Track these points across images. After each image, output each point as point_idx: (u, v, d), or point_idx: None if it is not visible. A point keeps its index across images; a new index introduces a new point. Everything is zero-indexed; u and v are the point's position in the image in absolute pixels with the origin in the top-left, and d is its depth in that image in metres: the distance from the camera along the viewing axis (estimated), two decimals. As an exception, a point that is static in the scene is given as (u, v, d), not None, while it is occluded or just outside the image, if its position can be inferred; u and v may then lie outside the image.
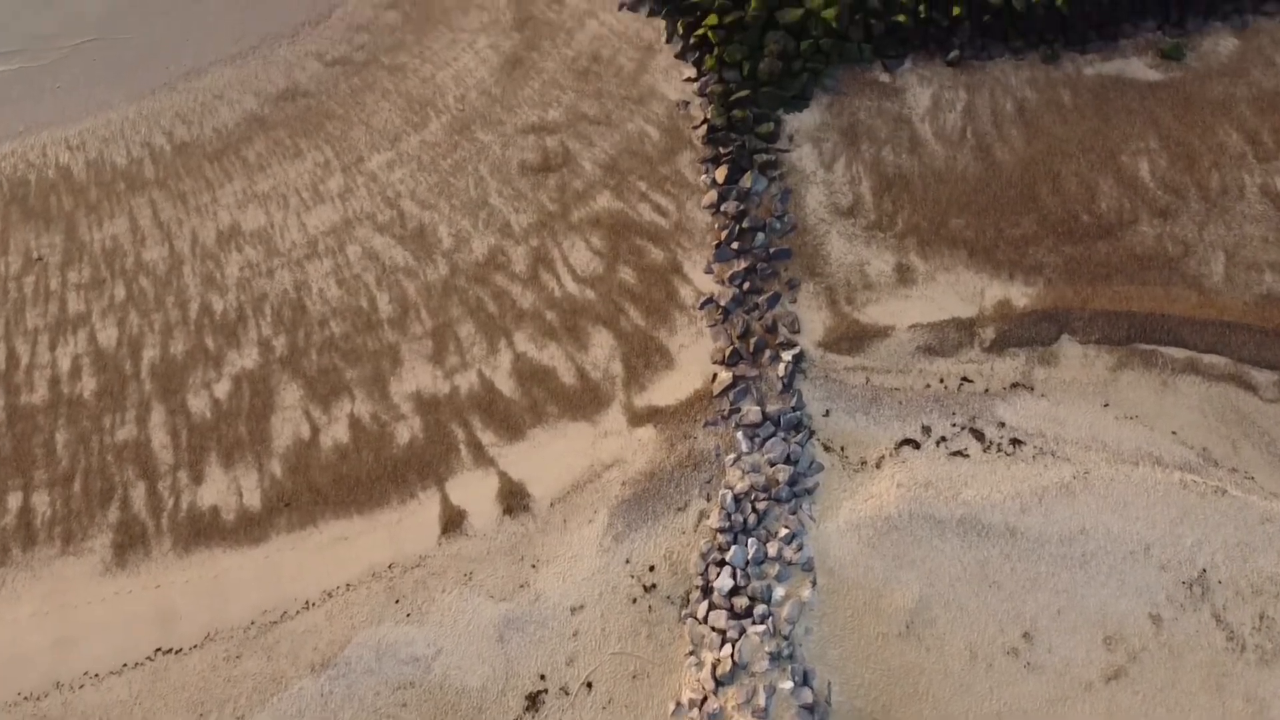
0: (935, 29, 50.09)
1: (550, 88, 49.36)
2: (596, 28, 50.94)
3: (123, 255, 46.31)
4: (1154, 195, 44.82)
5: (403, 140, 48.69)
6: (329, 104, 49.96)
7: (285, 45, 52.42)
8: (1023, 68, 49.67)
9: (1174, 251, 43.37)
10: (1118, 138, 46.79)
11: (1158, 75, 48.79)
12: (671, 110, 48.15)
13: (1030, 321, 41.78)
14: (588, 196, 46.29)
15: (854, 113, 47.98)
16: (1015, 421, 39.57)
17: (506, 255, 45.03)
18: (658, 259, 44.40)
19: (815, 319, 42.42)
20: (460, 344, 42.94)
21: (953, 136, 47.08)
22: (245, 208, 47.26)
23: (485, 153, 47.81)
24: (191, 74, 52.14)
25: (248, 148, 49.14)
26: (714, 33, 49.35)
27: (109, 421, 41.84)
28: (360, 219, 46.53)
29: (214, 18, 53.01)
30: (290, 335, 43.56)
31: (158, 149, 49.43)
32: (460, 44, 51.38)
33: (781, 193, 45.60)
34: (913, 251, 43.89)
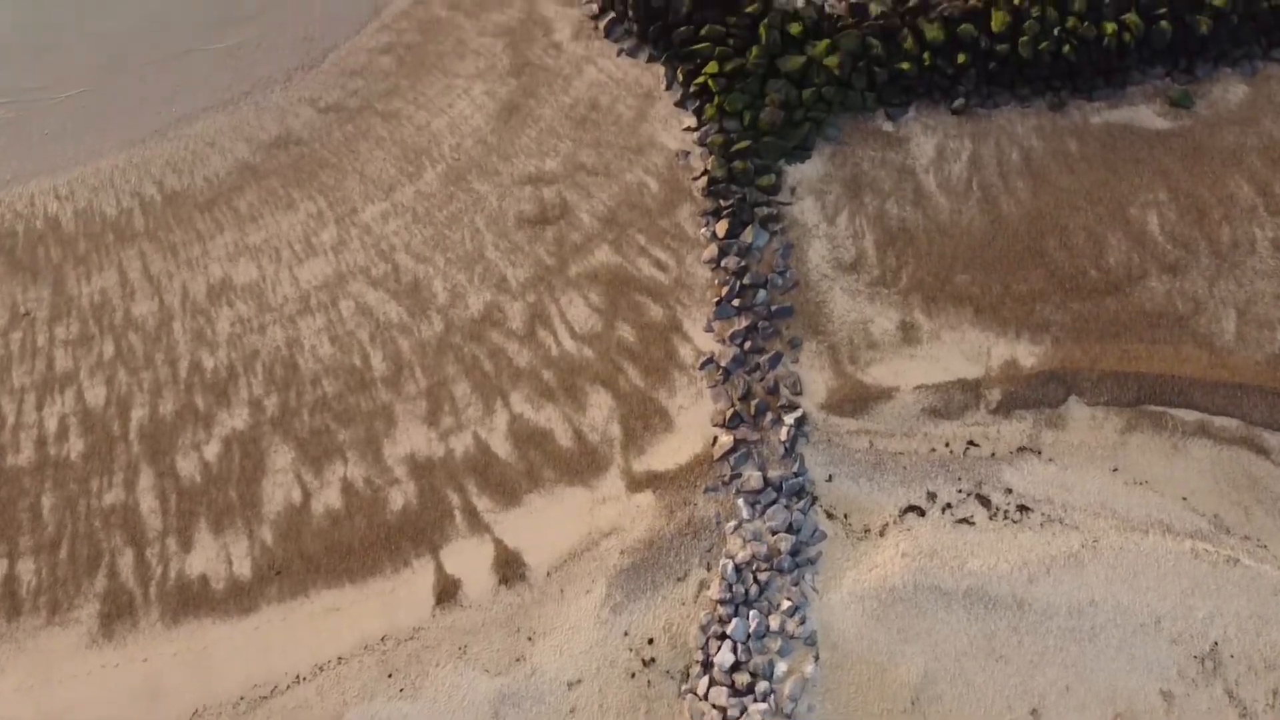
0: (940, 77, 50.21)
1: (547, 136, 49.44)
2: (595, 74, 51.04)
3: (111, 310, 46.33)
4: (1163, 249, 44.83)
5: (397, 190, 48.75)
6: (322, 152, 50.04)
7: (278, 90, 52.51)
8: (1029, 116, 49.75)
9: (1184, 309, 43.37)
10: (1126, 189, 46.84)
11: (1166, 124, 48.90)
12: (671, 160, 48.23)
13: (1037, 383, 41.69)
14: (586, 250, 46.31)
15: (857, 163, 48.04)
16: (1022, 487, 39.51)
17: (503, 311, 45.03)
18: (657, 316, 44.40)
19: (818, 380, 42.37)
20: (455, 404, 42.89)
21: (958, 188, 47.10)
22: (237, 260, 47.29)
23: (481, 204, 47.86)
24: (183, 120, 52.23)
25: (239, 198, 49.21)
26: (714, 81, 49.47)
27: (96, 485, 41.81)
28: (354, 273, 46.55)
29: (206, 63, 53.14)
30: (282, 394, 43.51)
31: (148, 199, 49.51)
32: (456, 90, 51.50)
33: (783, 247, 45.63)
34: (917, 309, 43.87)
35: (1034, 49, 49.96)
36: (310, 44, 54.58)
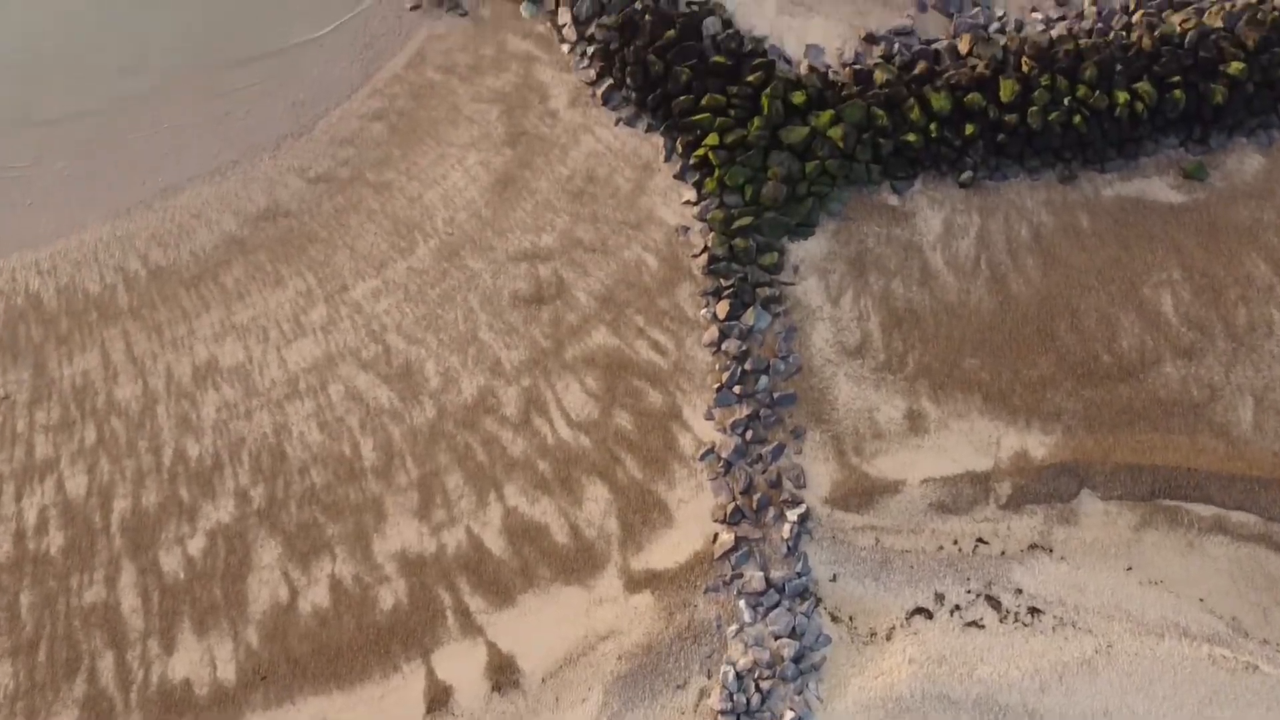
0: (947, 148, 50.14)
1: (543, 210, 49.45)
2: (592, 144, 51.10)
3: (94, 393, 46.25)
4: (1178, 332, 44.77)
5: (389, 267, 48.73)
6: (311, 225, 50.05)
7: (267, 159, 52.56)
8: (1038, 189, 49.78)
9: (1200, 396, 43.26)
10: (1139, 267, 46.84)
11: (1180, 197, 48.93)
12: (670, 236, 48.20)
13: (1049, 475, 41.57)
14: (582, 332, 46.26)
15: (862, 240, 48.01)
16: (1034, 588, 39.34)
17: (497, 397, 44.92)
18: (656, 403, 44.27)
19: (822, 472, 42.24)
20: (448, 496, 42.76)
21: (965, 266, 47.05)
22: (223, 341, 47.24)
23: (475, 282, 47.84)
24: (169, 191, 52.36)
25: (226, 273, 49.20)
26: (714, 153, 49.51)
27: (76, 581, 41.70)
28: (343, 355, 46.49)
29: (193, 131, 53.28)
30: (269, 485, 43.39)
31: (132, 274, 49.51)
32: (449, 160, 51.55)
33: (786, 330, 45.54)
34: (924, 396, 43.75)
35: (1044, 119, 49.97)
36: (300, 110, 54.63)
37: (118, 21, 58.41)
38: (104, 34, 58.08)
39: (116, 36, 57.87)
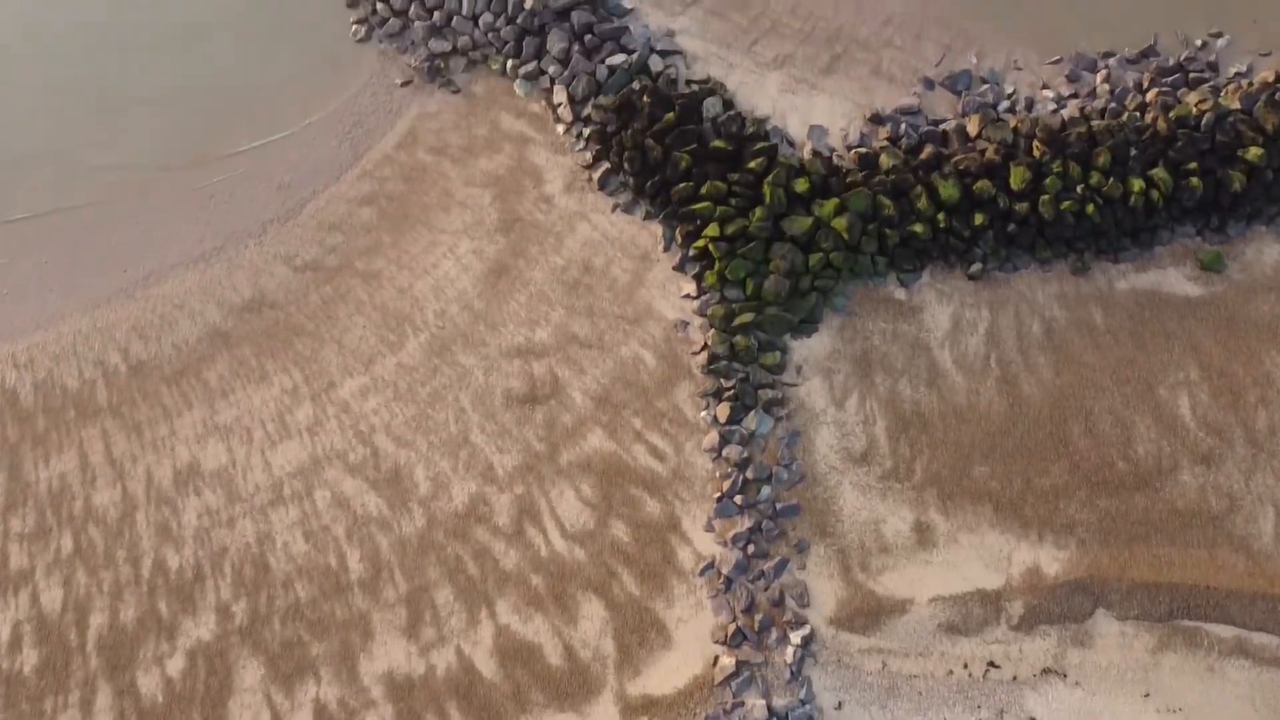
0: (955, 239, 50.03)
1: (538, 302, 49.31)
2: (588, 232, 51.04)
3: (71, 499, 46.04)
4: (1195, 437, 44.55)
5: (377, 363, 48.57)
6: (298, 317, 49.92)
7: (252, 246, 52.52)
8: (1050, 281, 49.66)
9: (1218, 506, 43.01)
10: (1155, 367, 46.62)
11: (1197, 290, 48.80)
12: (669, 332, 48.07)
13: (1062, 594, 41.28)
14: (578, 435, 46.03)
15: (867, 337, 47.85)
16: (1047, 716, 38.95)
17: (489, 505, 44.68)
18: (654, 513, 44.03)
19: (826, 589, 41.97)
20: (437, 613, 42.49)
21: (975, 366, 46.85)
22: (205, 442, 47.04)
23: (467, 379, 47.67)
24: (151, 279, 52.30)
25: (209, 369, 49.05)
26: (715, 245, 49.44)
27: (50, 704, 41.33)
28: (330, 458, 46.28)
29: (176, 216, 53.12)
30: (251, 600, 43.13)
31: (112, 369, 49.37)
32: (441, 248, 51.48)
33: (789, 435, 45.29)
34: (933, 507, 43.51)
35: (1056, 208, 49.89)
36: (286, 193, 54.66)
37: (101, 116, 58.19)
38: (86, 129, 57.90)
39: (99, 130, 57.65)
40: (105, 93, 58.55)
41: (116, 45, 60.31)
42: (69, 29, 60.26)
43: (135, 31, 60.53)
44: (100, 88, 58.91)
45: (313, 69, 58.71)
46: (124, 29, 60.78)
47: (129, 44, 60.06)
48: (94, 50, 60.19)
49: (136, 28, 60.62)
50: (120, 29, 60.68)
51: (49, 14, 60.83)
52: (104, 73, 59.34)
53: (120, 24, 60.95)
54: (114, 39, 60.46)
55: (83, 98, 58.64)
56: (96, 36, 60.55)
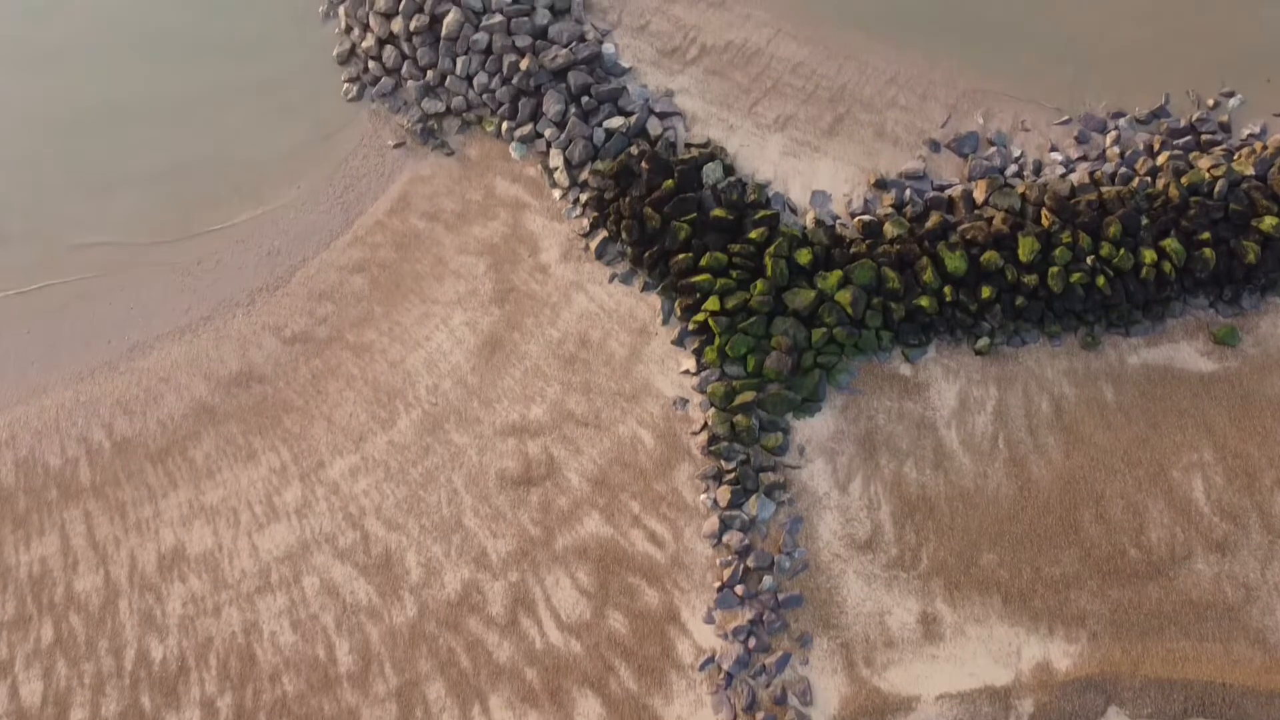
0: (962, 313, 49.78)
1: (533, 378, 49.08)
2: (585, 303, 50.82)
3: (52, 585, 45.77)
4: (1210, 523, 44.26)
5: (368, 441, 48.32)
6: (287, 392, 49.69)
7: (240, 315, 52.31)
8: (1059, 356, 49.40)
9: (1234, 597, 42.70)
10: (1167, 447, 46.37)
11: (1210, 365, 48.55)
12: (668, 410, 47.81)
13: (1074, 691, 40.99)
14: (574, 519, 45.75)
15: (871, 416, 47.58)
16: (1058, 823, 38.53)
17: (482, 593, 44.38)
18: (652, 603, 43.73)
19: (830, 685, 41.62)
20: (429, 708, 42.21)
21: (982, 446, 46.60)
22: (191, 524, 46.77)
23: (460, 459, 47.40)
24: (136, 350, 52.11)
25: (195, 446, 48.78)
26: (715, 319, 49.19)
27: (29, 807, 40.89)
28: (319, 542, 45.97)
29: (163, 282, 53.07)
30: (237, 694, 42.82)
31: (95, 446, 49.11)
32: (434, 319, 51.28)
33: (791, 521, 45.04)
34: (939, 597, 43.19)
35: (1065, 281, 49.76)
36: (276, 259, 54.53)
37: (86, 195, 58.09)
38: (70, 207, 57.82)
39: (84, 209, 57.56)
40: (90, 171, 58.29)
41: (101, 122, 59.92)
42: (53, 106, 59.93)
43: (120, 107, 60.11)
44: (85, 166, 58.65)
45: (303, 131, 58.64)
46: (109, 106, 60.31)
47: (114, 121, 59.68)
48: (78, 128, 59.82)
49: (121, 104, 60.13)
50: (105, 106, 60.23)
51: (32, 91, 60.56)
52: (88, 151, 59.03)
53: (105, 101, 60.46)
54: (98, 116, 60.02)
55: (67, 176, 58.44)
56: (81, 113, 60.15)
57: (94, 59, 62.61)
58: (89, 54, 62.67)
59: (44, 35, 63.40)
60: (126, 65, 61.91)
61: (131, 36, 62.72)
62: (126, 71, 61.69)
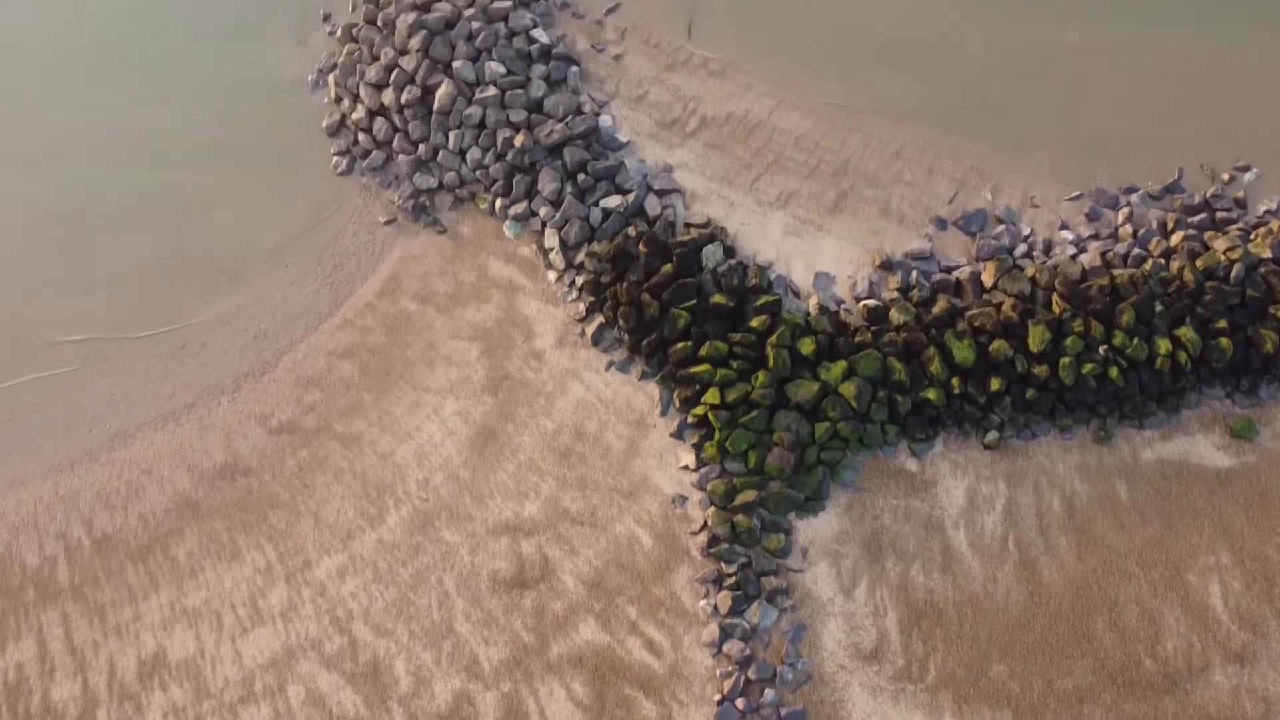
0: (971, 406, 49.31)
1: (527, 472, 48.64)
2: (581, 392, 50.42)
3: (28, 693, 45.39)
4: (1228, 631, 43.84)
5: (356, 539, 47.90)
6: (273, 486, 49.27)
7: (225, 403, 51.92)
8: (1071, 450, 49.04)
9: (1253, 712, 42.41)
10: (1183, 550, 46.03)
11: (1227, 460, 48.16)
12: (667, 508, 47.43)
13: (1087, 814, 40.27)
14: (569, 625, 45.32)
15: (877, 516, 47.17)
16: None
17: (473, 705, 43.96)
18: (650, 717, 43.38)
19: (834, 808, 41.01)
20: (418, 830, 41.53)
21: (992, 548, 46.21)
22: (172, 628, 46.33)
23: (451, 559, 47.01)
24: (118, 440, 51.69)
25: (178, 544, 48.41)
26: (714, 413, 48.67)
27: None
28: (305, 648, 45.56)
29: (146, 368, 52.69)
30: (219, 812, 42.15)
31: (75, 543, 48.71)
32: (424, 409, 50.85)
33: (794, 629, 44.61)
34: (948, 711, 42.78)
35: (1077, 372, 49.41)
36: (262, 343, 54.23)
37: (67, 294, 57.76)
38: (52, 307, 57.46)
39: (66, 309, 57.19)
40: (72, 270, 57.79)
41: (83, 198, 59.55)
42: (34, 206, 59.55)
43: (102, 186, 59.81)
44: (66, 252, 58.22)
45: (291, 207, 58.32)
46: (91, 179, 60.00)
47: (95, 201, 59.38)
48: (60, 228, 59.38)
49: (103, 182, 59.87)
50: (87, 180, 59.92)
51: (12, 192, 60.22)
52: (70, 250, 58.53)
53: (88, 176, 60.17)
54: (80, 216, 59.65)
55: (49, 276, 57.91)
56: (62, 214, 59.81)
57: (77, 128, 62.33)
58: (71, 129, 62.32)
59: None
60: (110, 145, 61.54)
61: (114, 119, 62.25)
62: (109, 150, 61.31)
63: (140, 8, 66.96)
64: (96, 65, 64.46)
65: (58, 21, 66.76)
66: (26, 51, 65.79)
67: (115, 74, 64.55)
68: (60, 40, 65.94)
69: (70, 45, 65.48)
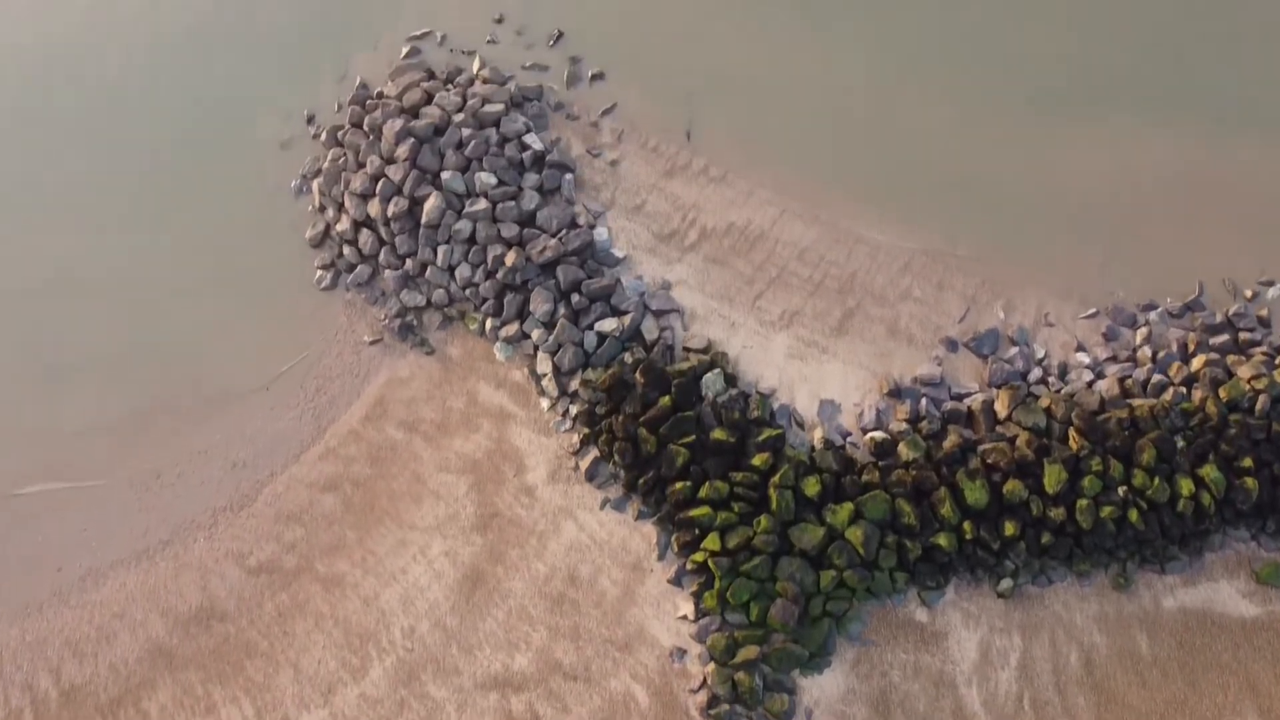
0: (983, 551, 48.36)
1: (518, 620, 47.77)
2: (574, 533, 49.52)
3: None
4: (1256, 804, 42.61)
5: (338, 693, 47.02)
6: (250, 633, 48.34)
7: (202, 540, 51.07)
8: (1089, 598, 48.28)
9: None
10: (1207, 710, 45.49)
11: (1253, 609, 47.43)
12: (664, 662, 46.59)
13: None
14: (561, 795, 44.23)
15: (885, 672, 46.35)
16: None
17: None
18: None
19: None
20: None
21: (1006, 708, 45.49)
22: (142, 795, 45.21)
23: (437, 717, 45.74)
24: (89, 579, 50.90)
25: (149, 697, 47.61)
26: (715, 561, 47.72)
27: None
28: (283, 815, 44.36)
29: (119, 498, 51.96)
30: None
31: (42, 695, 47.87)
32: (411, 548, 49.99)
33: (798, 802, 43.50)
34: None
35: (1095, 515, 48.43)
36: (241, 474, 53.33)
37: (40, 388, 57.15)
38: (21, 405, 56.79)
39: (33, 409, 56.45)
40: (40, 373, 57.06)
41: (50, 317, 58.89)
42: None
43: (72, 297, 59.17)
44: (36, 369, 57.50)
45: (273, 324, 57.63)
46: (59, 298, 59.37)
47: (64, 313, 58.69)
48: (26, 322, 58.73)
49: (73, 293, 59.20)
50: (56, 298, 59.30)
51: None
52: (37, 345, 57.80)
53: (55, 293, 59.56)
54: (48, 309, 59.01)
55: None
56: (28, 305, 59.19)
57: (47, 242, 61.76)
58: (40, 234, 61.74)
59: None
60: (81, 252, 60.82)
61: (85, 222, 61.69)
62: (81, 259, 60.58)
63: (112, 109, 66.20)
64: (59, 196, 63.57)
65: (17, 151, 66.31)
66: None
67: (83, 193, 63.60)
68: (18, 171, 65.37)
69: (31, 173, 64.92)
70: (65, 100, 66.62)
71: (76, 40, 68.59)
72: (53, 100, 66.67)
